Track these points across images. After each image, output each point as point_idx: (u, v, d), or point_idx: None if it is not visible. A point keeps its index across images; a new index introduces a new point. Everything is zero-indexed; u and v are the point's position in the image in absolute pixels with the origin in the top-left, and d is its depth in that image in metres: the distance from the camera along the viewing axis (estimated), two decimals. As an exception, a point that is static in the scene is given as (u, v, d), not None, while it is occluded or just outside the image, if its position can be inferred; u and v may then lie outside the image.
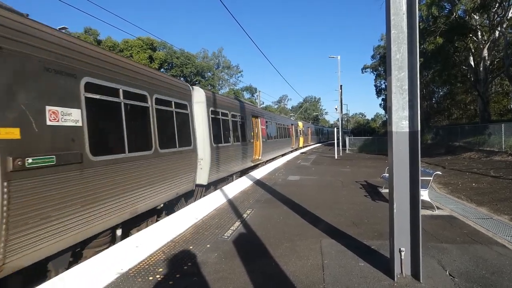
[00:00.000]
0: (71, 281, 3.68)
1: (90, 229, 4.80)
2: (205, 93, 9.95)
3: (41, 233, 3.98)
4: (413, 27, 3.63)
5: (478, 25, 25.68)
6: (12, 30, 3.82)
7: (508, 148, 16.69)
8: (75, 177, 4.56)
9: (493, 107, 34.26)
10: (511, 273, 3.86)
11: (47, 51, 4.29)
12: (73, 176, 4.53)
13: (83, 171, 4.70)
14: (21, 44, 3.90)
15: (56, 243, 4.20)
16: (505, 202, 7.88)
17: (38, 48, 4.14)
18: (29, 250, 3.82)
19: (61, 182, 4.32)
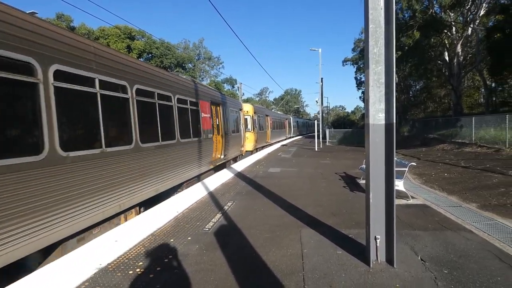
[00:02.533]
0: (46, 279, 3.60)
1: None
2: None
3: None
4: (390, 22, 3.73)
5: (453, 22, 26.52)
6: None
7: (478, 140, 17.48)
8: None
9: (466, 100, 35.63)
10: (476, 256, 4.11)
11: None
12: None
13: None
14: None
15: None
16: (473, 191, 8.30)
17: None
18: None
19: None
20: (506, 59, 17.39)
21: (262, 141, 24.69)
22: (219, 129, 13.13)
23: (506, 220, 5.85)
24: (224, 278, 3.65)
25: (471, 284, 3.42)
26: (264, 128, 26.13)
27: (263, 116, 25.98)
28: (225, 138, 13.73)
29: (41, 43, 4.35)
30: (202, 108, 10.93)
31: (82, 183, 4.91)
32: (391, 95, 3.77)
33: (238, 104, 18.09)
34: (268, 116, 28.18)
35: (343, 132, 34.87)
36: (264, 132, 26.02)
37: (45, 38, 4.44)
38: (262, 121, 24.98)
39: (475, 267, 3.80)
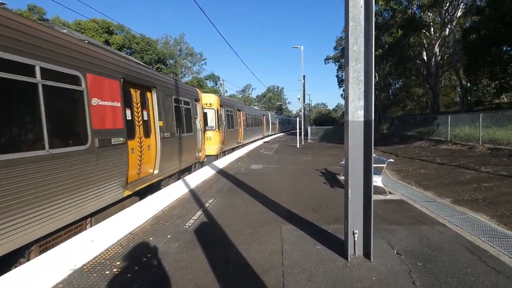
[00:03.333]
0: (14, 283, 3.47)
1: None
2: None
3: None
4: (370, 20, 3.78)
5: (431, 22, 27.26)
6: None
7: (453, 138, 18.10)
8: None
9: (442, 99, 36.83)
10: (448, 249, 4.27)
11: None
12: None
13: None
14: None
15: None
16: (448, 186, 8.60)
17: None
18: None
19: None
20: (481, 60, 18.05)
21: (232, 141, 19.89)
22: (146, 128, 8.28)
23: (477, 214, 6.11)
24: (203, 276, 3.64)
25: (443, 275, 3.54)
26: (235, 125, 21.03)
27: (234, 110, 20.76)
28: (163, 142, 8.80)
29: None
30: (92, 88, 5.82)
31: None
32: (370, 93, 3.84)
33: (192, 93, 12.40)
34: (241, 111, 23.22)
35: (325, 129, 35.36)
36: (234, 131, 20.77)
37: None
38: (232, 117, 20.09)
39: (447, 260, 3.94)
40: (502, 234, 4.86)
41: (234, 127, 20.69)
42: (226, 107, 18.48)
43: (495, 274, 3.55)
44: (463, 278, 3.48)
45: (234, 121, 20.72)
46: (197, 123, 12.58)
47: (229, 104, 19.52)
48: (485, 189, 7.97)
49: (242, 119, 23.52)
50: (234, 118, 20.74)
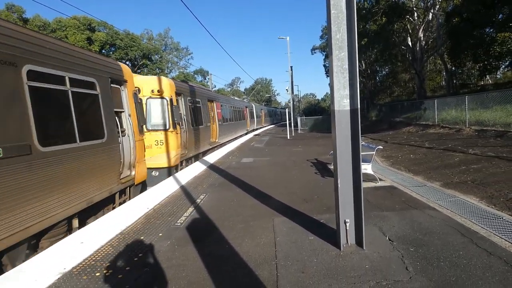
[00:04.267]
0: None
1: None
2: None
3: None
4: (351, 7, 3.72)
5: (414, 7, 27.36)
6: None
7: (440, 121, 18.35)
8: None
9: (429, 84, 37.23)
10: (439, 232, 4.31)
11: None
12: None
13: None
14: None
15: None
16: (437, 170, 8.71)
17: None
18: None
19: None
20: (464, 43, 18.22)
21: (202, 143, 14.51)
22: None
23: (467, 196, 6.19)
24: (196, 272, 3.59)
25: (435, 259, 3.57)
26: (206, 121, 15.56)
27: (203, 101, 15.32)
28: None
29: None
30: None
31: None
32: (355, 81, 3.79)
33: (102, 68, 6.85)
34: (214, 101, 17.85)
35: (314, 119, 35.45)
36: (205, 129, 15.22)
37: None
38: (201, 110, 14.76)
39: (439, 243, 3.98)
40: (492, 214, 4.93)
41: (204, 123, 14.96)
42: (190, 97, 13.16)
43: (487, 256, 3.60)
44: (455, 261, 3.52)
45: (204, 115, 15.18)
46: (124, 121, 7.72)
47: (194, 93, 13.98)
48: (473, 171, 8.09)
49: (217, 112, 18.07)
50: (204, 112, 15.30)
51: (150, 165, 9.57)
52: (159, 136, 10.40)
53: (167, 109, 10.59)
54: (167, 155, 10.46)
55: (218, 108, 18.61)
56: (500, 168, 7.87)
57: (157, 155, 10.28)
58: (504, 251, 3.67)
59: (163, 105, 10.59)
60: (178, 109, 11.23)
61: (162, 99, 10.59)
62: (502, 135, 12.29)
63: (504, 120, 13.24)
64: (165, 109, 10.59)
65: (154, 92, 10.44)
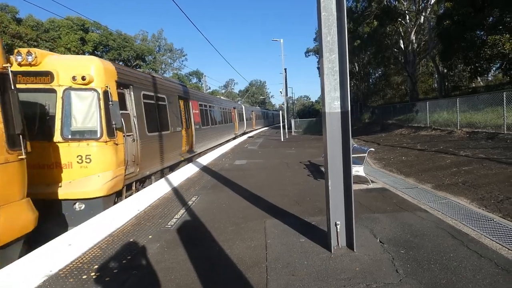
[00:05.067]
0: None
1: None
2: None
3: None
4: (342, 9, 3.72)
5: (406, 10, 27.63)
6: None
7: (432, 123, 18.49)
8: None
9: (421, 86, 37.54)
10: (430, 234, 4.32)
11: None
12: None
13: None
14: None
15: None
16: (428, 172, 8.76)
17: None
18: None
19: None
20: (455, 45, 18.38)
21: (168, 155, 10.66)
22: None
23: (458, 198, 6.23)
24: (185, 275, 3.54)
25: (426, 262, 3.57)
26: (176, 125, 11.73)
27: (172, 99, 11.72)
28: None
29: None
30: None
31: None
32: (345, 83, 3.79)
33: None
34: (189, 100, 14.04)
35: (308, 121, 35.52)
36: (174, 136, 11.42)
37: None
38: (167, 110, 11.01)
39: (430, 246, 3.98)
40: (483, 216, 4.96)
41: (172, 128, 11.23)
42: (146, 91, 9.39)
43: (477, 258, 3.60)
44: (445, 263, 3.51)
45: (173, 117, 11.44)
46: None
47: (154, 87, 10.22)
48: (464, 172, 8.14)
49: (193, 113, 14.30)
50: (173, 113, 11.55)
51: (69, 195, 6.43)
52: (85, 148, 6.72)
53: (99, 107, 6.90)
54: (99, 177, 6.70)
55: (195, 108, 14.83)
56: (491, 170, 7.94)
57: (80, 178, 6.61)
58: (494, 253, 3.68)
59: (91, 100, 6.92)
60: (117, 107, 7.19)
61: (90, 91, 6.89)
62: (493, 137, 12.42)
63: (495, 122, 13.37)
64: (94, 107, 6.90)
65: (77, 79, 6.68)
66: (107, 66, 7.44)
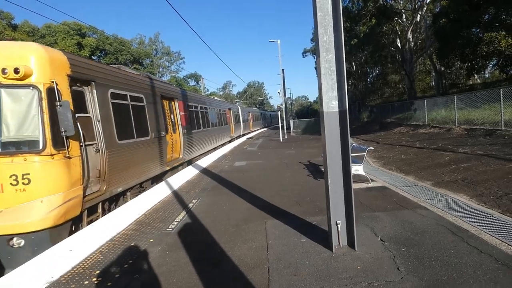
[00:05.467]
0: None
1: None
2: None
3: None
4: (337, 9, 3.74)
5: (402, 9, 27.73)
6: None
7: (430, 121, 18.54)
8: None
9: (418, 84, 37.64)
10: (431, 231, 4.33)
11: None
12: None
13: None
14: None
15: None
16: (428, 169, 8.78)
17: None
18: None
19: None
20: (451, 43, 18.44)
21: (146, 167, 8.80)
22: None
23: (457, 195, 6.25)
24: (187, 278, 3.54)
25: (426, 259, 3.58)
26: (157, 130, 9.80)
27: (153, 99, 9.90)
28: None
29: None
30: None
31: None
32: (343, 82, 3.80)
33: None
34: (174, 100, 12.20)
35: (306, 121, 35.54)
36: (154, 143, 9.47)
37: None
38: (145, 112, 9.19)
39: (430, 243, 3.99)
40: (482, 213, 4.97)
41: (154, 133, 9.45)
42: (115, 89, 7.67)
43: (477, 254, 3.62)
44: (446, 260, 3.52)
45: (155, 121, 9.67)
46: None
47: (129, 84, 8.46)
48: (463, 169, 8.17)
49: (180, 115, 12.32)
50: (154, 115, 9.75)
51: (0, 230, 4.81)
52: (21, 165, 5.05)
53: (41, 109, 5.23)
54: (42, 203, 5.07)
55: (183, 110, 12.82)
56: (490, 166, 7.96)
57: (16, 206, 4.98)
58: (494, 249, 3.70)
59: (29, 101, 5.25)
60: (68, 109, 5.34)
61: (28, 88, 5.23)
62: (491, 134, 12.46)
63: (493, 119, 13.42)
64: (34, 109, 5.24)
65: (8, 73, 5.02)
66: (54, 55, 5.62)
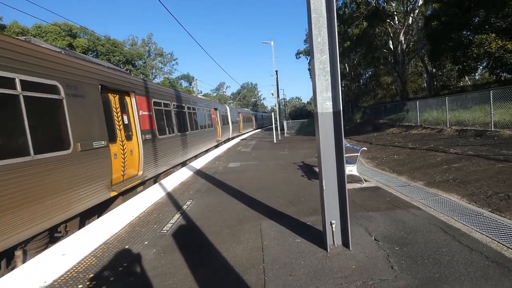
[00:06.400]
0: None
1: None
2: None
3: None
4: (331, 10, 3.78)
5: (395, 12, 28.04)
6: None
7: (423, 122, 18.77)
8: None
9: (411, 86, 38.04)
10: (423, 230, 4.39)
11: None
12: None
13: None
14: None
15: None
16: (420, 170, 8.88)
17: None
18: None
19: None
20: (443, 45, 18.73)
21: (58, 204, 5.49)
22: None
23: (449, 194, 6.33)
24: (183, 280, 3.54)
25: (419, 257, 3.63)
26: (98, 137, 6.93)
27: (86, 91, 6.75)
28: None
29: None
30: None
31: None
32: (337, 83, 3.84)
33: None
34: (131, 95, 9.07)
35: (300, 122, 35.67)
36: (93, 157, 6.67)
37: None
38: (72, 111, 6.18)
39: (423, 241, 4.04)
40: (473, 212, 5.05)
41: (83, 143, 6.36)
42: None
43: (468, 252, 3.68)
44: (438, 258, 3.58)
45: (84, 124, 6.58)
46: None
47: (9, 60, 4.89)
48: (455, 169, 8.29)
49: (140, 115, 9.35)
50: (84, 116, 6.62)
51: None
52: None
53: None
54: None
55: (143, 108, 9.68)
56: (480, 166, 8.09)
57: None
58: (485, 247, 3.76)
59: None
60: None
61: None
62: (481, 134, 12.66)
63: (483, 120, 13.64)
64: None
65: None
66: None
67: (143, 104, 9.75)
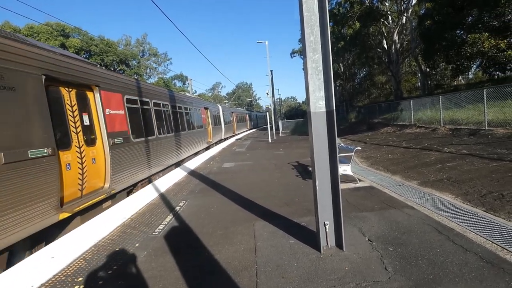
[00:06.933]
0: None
1: None
2: None
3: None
4: (324, 9, 3.72)
5: (388, 11, 28.13)
6: None
7: (417, 121, 18.83)
8: None
9: (405, 85, 38.22)
10: (417, 231, 4.36)
11: None
12: None
13: None
14: None
15: None
16: (414, 169, 8.88)
17: None
18: None
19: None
20: (436, 45, 18.80)
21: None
22: None
23: (443, 194, 6.32)
24: (174, 283, 3.47)
25: (413, 258, 3.59)
26: (38, 143, 5.20)
27: (20, 82, 5.00)
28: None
29: None
30: None
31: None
32: (330, 82, 3.79)
33: None
34: (95, 90, 7.45)
35: (295, 122, 35.62)
36: (31, 171, 4.97)
37: None
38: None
39: (417, 242, 4.01)
40: (467, 211, 5.04)
41: (10, 153, 4.59)
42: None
43: (463, 252, 3.65)
44: (433, 259, 3.54)
45: (12, 127, 4.78)
46: None
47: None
48: (449, 169, 8.29)
49: (104, 115, 7.62)
50: (14, 116, 4.86)
51: None
52: None
53: None
54: None
55: (112, 107, 8.17)
56: (474, 166, 8.11)
57: None
58: (479, 247, 3.74)
59: None
60: None
61: None
62: (475, 133, 12.71)
63: (477, 119, 13.70)
64: None
65: None
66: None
67: (111, 102, 8.17)
